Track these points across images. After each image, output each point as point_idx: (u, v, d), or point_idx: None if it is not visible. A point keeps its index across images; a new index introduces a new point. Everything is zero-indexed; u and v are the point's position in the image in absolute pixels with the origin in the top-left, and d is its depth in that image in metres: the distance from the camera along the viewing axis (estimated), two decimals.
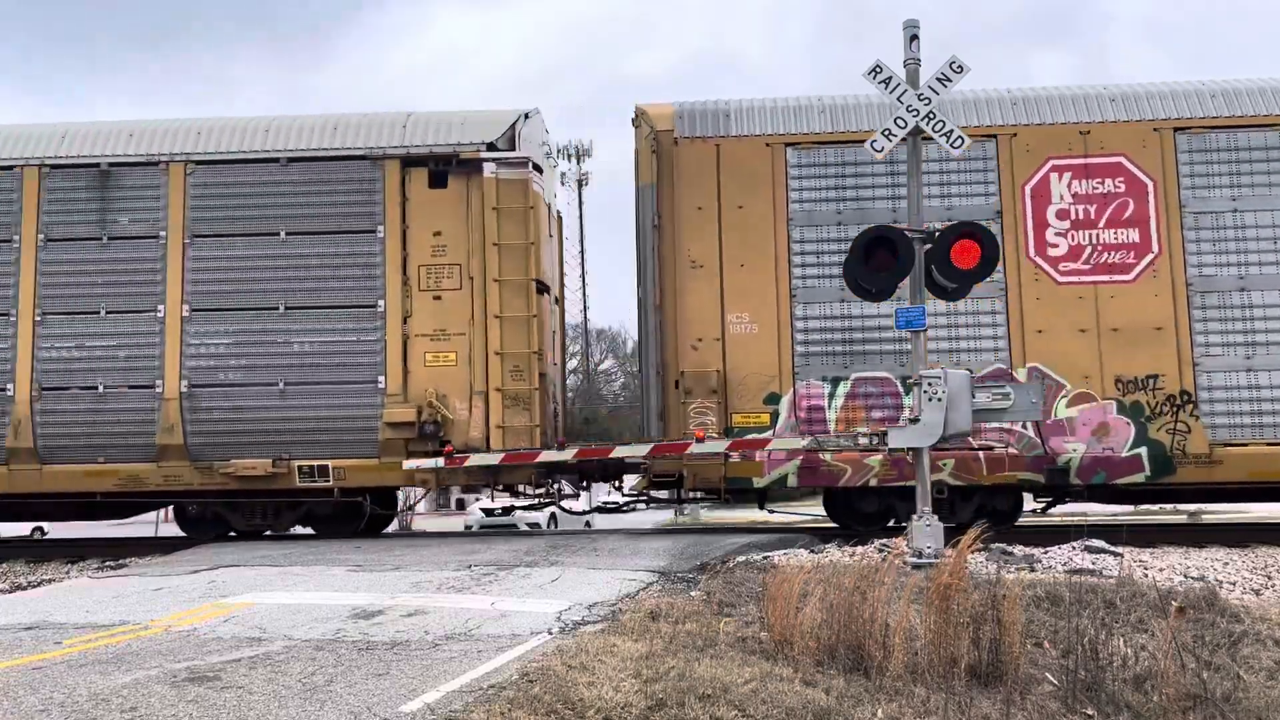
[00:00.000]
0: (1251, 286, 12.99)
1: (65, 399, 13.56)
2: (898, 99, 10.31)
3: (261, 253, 13.68)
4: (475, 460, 13.04)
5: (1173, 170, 13.16)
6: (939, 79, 10.28)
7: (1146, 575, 9.74)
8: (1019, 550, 11.13)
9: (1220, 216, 13.11)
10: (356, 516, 14.55)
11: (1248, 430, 12.78)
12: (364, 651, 6.55)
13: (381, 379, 13.43)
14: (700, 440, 12.76)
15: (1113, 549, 11.11)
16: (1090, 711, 5.81)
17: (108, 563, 12.79)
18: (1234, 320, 12.97)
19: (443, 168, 13.81)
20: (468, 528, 24.18)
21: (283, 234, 13.64)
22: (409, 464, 13.16)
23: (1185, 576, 9.88)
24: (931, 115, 10.22)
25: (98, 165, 13.84)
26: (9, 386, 13.54)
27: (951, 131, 10.25)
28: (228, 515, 14.27)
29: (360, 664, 6.16)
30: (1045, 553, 11.01)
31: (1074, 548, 11.29)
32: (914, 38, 10.46)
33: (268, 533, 14.61)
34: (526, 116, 14.14)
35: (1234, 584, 9.68)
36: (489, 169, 13.67)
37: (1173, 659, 6.13)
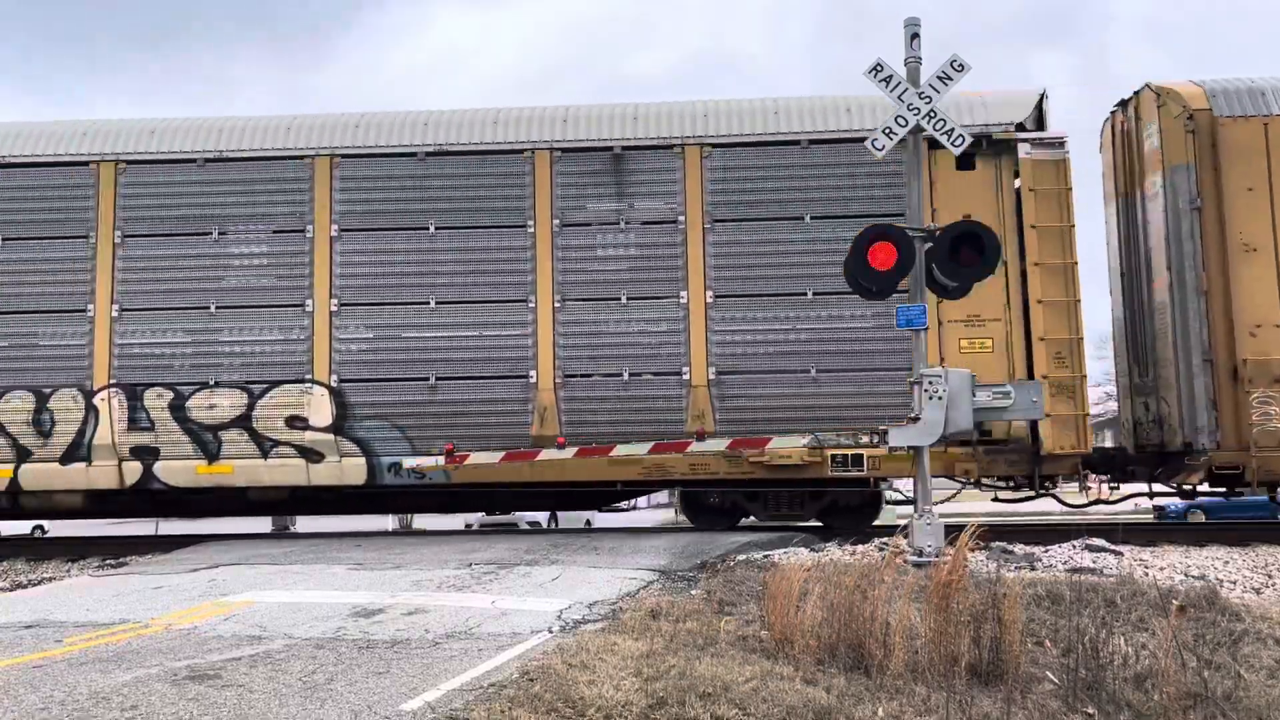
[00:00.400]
0: None
1: (589, 386, 13.31)
2: (898, 98, 10.29)
3: (785, 237, 13.38)
4: (474, 459, 13.04)
5: None
6: (940, 78, 10.26)
7: (1147, 574, 9.74)
8: (1019, 549, 11.13)
9: None
10: (874, 509, 14.44)
11: None
12: (364, 650, 6.55)
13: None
14: (701, 438, 12.76)
15: (1113, 548, 11.11)
16: (1091, 710, 5.81)
17: (108, 561, 12.79)
18: None
19: (969, 149, 13.64)
20: (468, 526, 24.18)
21: (807, 218, 13.38)
22: (409, 462, 13.13)
23: (1186, 575, 9.88)
24: (933, 114, 10.21)
25: (610, 149, 13.57)
26: (532, 374, 13.32)
27: (953, 130, 10.24)
28: (747, 505, 14.15)
29: (361, 662, 6.16)
30: (1046, 551, 11.01)
31: (1074, 546, 11.29)
32: (915, 36, 10.44)
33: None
34: (1045, 95, 13.77)
35: (1234, 583, 9.68)
36: (1024, 149, 13.28)
37: (1173, 658, 6.12)
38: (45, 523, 23.47)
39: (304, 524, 23.21)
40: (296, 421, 13.38)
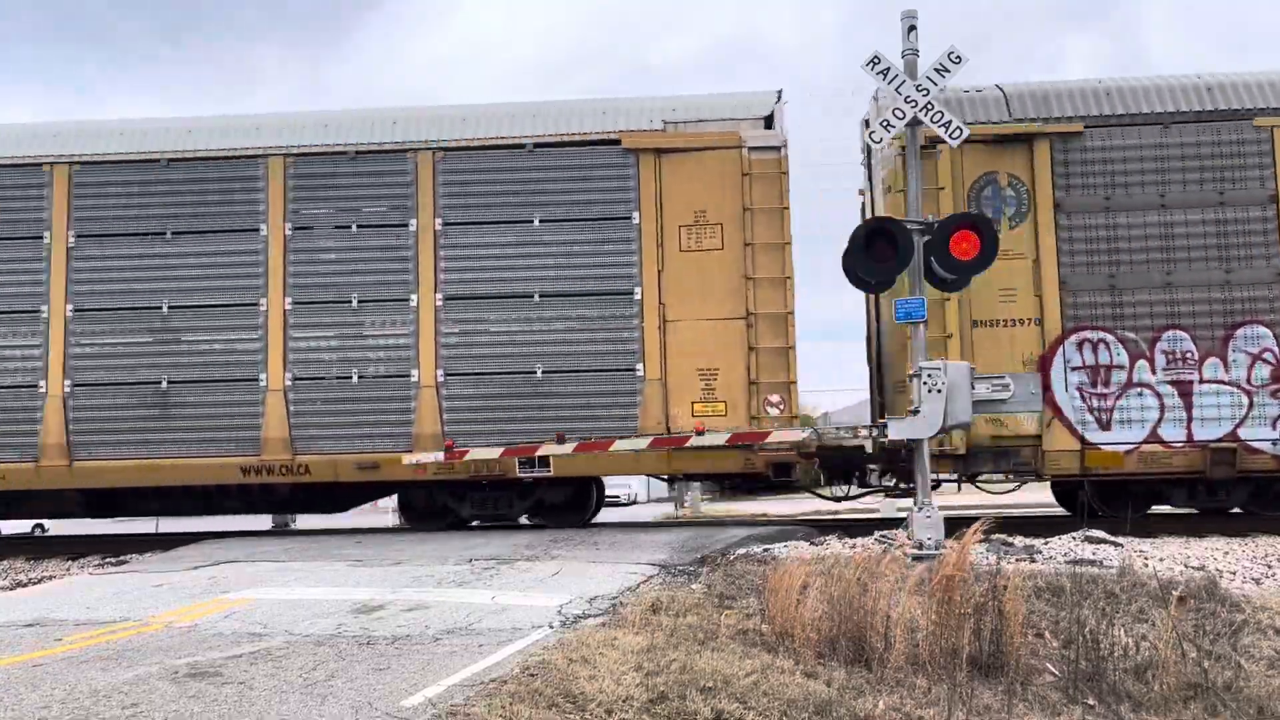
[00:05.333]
0: None
1: None
2: (896, 90, 10.28)
3: None
4: (474, 455, 13.02)
5: None
6: (937, 70, 10.25)
7: (1147, 565, 9.74)
8: (1019, 541, 11.13)
9: None
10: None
11: None
12: (365, 646, 6.54)
13: None
14: (700, 433, 12.75)
15: (1113, 539, 11.12)
16: (1091, 701, 5.81)
17: (108, 559, 12.79)
18: None
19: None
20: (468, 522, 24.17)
21: None
22: (408, 460, 13.11)
23: (1185, 566, 9.88)
24: (930, 106, 10.20)
25: None
26: None
27: (950, 122, 10.23)
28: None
29: (361, 659, 6.16)
30: (1045, 543, 11.02)
31: (1074, 538, 11.29)
32: (912, 28, 10.43)
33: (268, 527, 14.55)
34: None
35: (1234, 573, 9.68)
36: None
37: (1174, 648, 6.14)
38: (45, 521, 23.51)
39: (304, 521, 23.20)
40: None
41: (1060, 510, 14.86)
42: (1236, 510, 13.32)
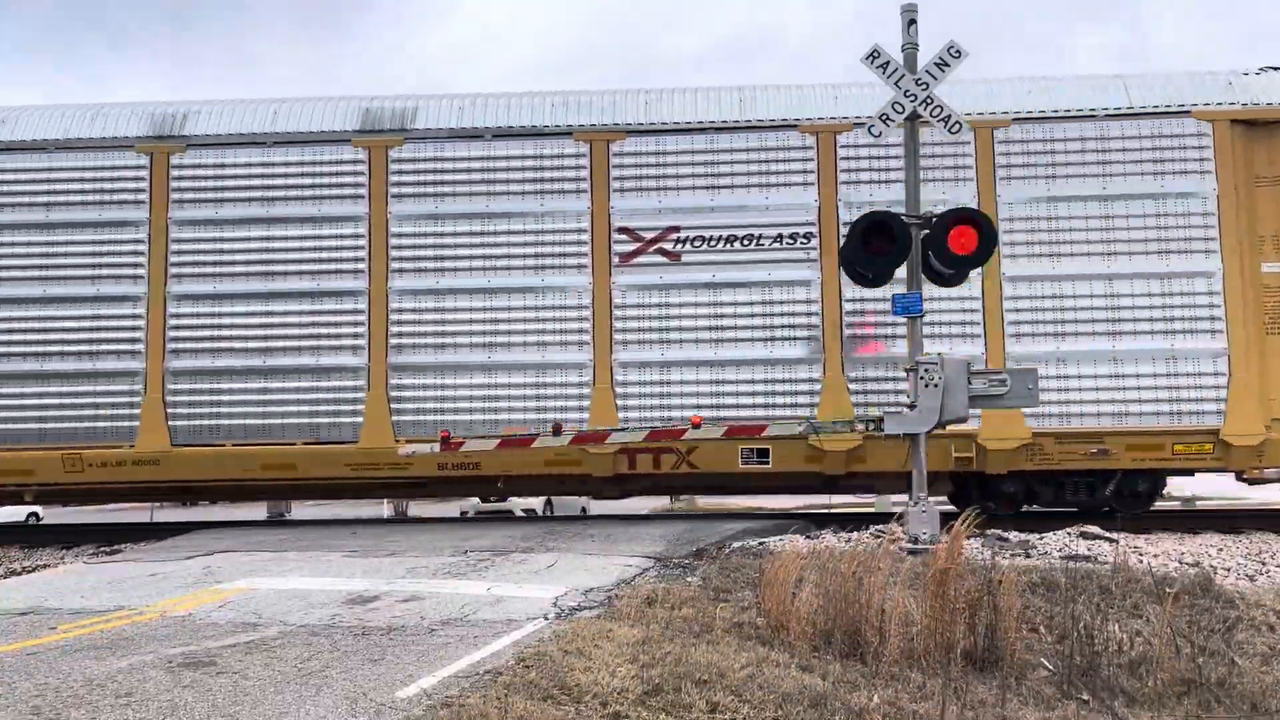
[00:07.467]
0: None
1: None
2: (895, 84, 10.26)
3: None
4: (470, 446, 12.99)
5: None
6: (936, 64, 10.23)
7: (1141, 561, 9.76)
8: (1014, 536, 11.14)
9: None
10: None
11: None
12: (360, 637, 6.54)
13: None
14: (696, 426, 12.73)
15: (1108, 535, 11.13)
16: (1086, 696, 5.83)
17: (103, 548, 12.76)
18: None
19: None
20: (463, 514, 24.18)
21: None
22: (404, 450, 13.10)
23: (1180, 562, 9.90)
24: (930, 100, 10.17)
25: None
26: None
27: (950, 116, 10.20)
28: None
29: (356, 649, 6.15)
30: (1041, 539, 11.02)
31: (1069, 534, 11.30)
32: (912, 22, 10.40)
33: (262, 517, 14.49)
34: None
35: (1229, 570, 9.71)
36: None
37: (1168, 644, 6.16)
38: (39, 509, 23.47)
39: (299, 511, 23.21)
40: None
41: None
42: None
